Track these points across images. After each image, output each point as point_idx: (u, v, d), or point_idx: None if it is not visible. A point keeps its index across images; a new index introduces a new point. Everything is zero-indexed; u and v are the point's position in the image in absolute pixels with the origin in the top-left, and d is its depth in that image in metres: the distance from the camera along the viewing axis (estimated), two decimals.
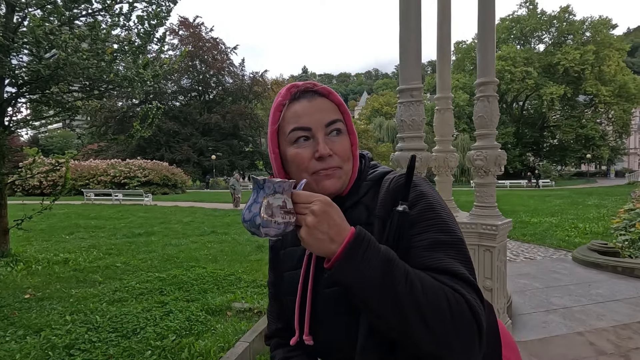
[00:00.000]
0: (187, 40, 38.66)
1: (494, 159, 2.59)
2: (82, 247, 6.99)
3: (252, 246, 7.11)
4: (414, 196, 0.70)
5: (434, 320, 0.56)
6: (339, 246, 0.59)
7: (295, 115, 0.72)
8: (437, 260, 0.63)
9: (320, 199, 0.61)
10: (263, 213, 0.59)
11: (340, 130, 0.73)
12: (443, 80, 3.19)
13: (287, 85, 0.77)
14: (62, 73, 4.19)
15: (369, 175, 0.79)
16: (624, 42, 41.58)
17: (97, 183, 22.78)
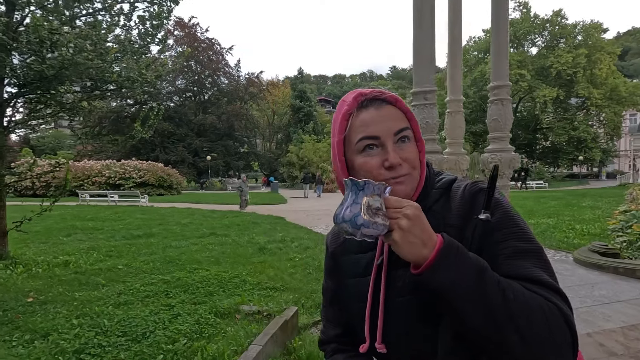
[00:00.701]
0: (183, 41, 38.41)
1: (508, 162, 2.61)
2: (81, 249, 6.90)
3: (254, 248, 7.08)
4: (492, 205, 0.70)
5: (530, 330, 0.57)
6: (431, 251, 0.60)
7: (363, 124, 0.72)
8: (522, 268, 0.64)
9: (411, 204, 0.62)
10: (365, 214, 0.60)
11: (409, 138, 0.73)
12: (454, 83, 3.21)
13: (353, 94, 0.76)
14: (67, 73, 4.14)
15: (437, 183, 0.79)
16: (615, 46, 42.25)
17: (91, 184, 22.50)
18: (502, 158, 2.61)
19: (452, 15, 3.20)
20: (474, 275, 0.59)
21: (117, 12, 6.28)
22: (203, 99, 42.51)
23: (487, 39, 42.42)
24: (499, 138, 2.67)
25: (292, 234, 8.79)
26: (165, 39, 7.10)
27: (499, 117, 2.64)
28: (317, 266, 5.60)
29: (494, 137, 2.69)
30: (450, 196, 0.76)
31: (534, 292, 0.60)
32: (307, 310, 4.03)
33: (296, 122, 46.10)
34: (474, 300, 0.58)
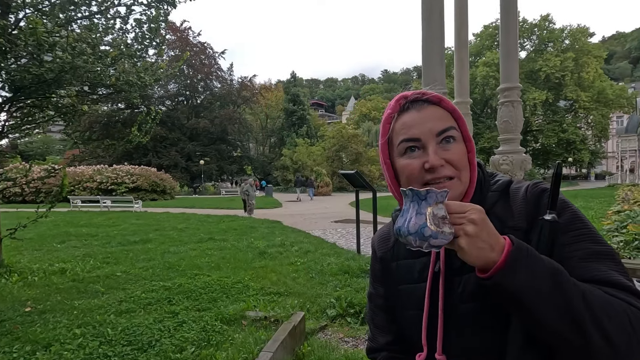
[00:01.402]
0: (175, 45, 38.17)
1: (519, 163, 2.62)
2: (76, 256, 6.75)
3: (254, 253, 7.01)
4: (558, 205, 0.67)
5: (616, 333, 0.55)
6: (499, 255, 0.57)
7: (404, 127, 0.71)
8: (598, 271, 0.62)
9: (475, 208, 0.59)
10: (431, 224, 0.57)
11: (454, 138, 0.70)
12: (462, 85, 3.22)
13: (395, 97, 0.76)
14: (67, 77, 4.06)
15: (492, 185, 0.77)
16: (601, 50, 43.22)
17: (82, 189, 22.12)
18: (513, 160, 2.62)
19: (458, 19, 3.22)
20: (548, 277, 0.57)
21: (113, 15, 6.21)
22: (196, 103, 42.27)
23: (477, 43, 43.05)
24: (510, 140, 2.68)
25: (291, 238, 8.73)
26: (162, 42, 7.04)
27: (509, 118, 2.65)
28: (320, 270, 5.56)
29: (504, 138, 2.70)
30: (510, 198, 0.73)
31: (614, 296, 0.58)
32: (313, 315, 3.98)
33: (289, 126, 46.08)
34: (553, 303, 0.55)
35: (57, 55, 4.38)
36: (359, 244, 6.89)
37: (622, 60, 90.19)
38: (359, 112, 59.02)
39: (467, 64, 3.29)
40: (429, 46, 2.65)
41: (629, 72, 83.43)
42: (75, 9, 5.52)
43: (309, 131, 46.07)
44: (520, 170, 2.64)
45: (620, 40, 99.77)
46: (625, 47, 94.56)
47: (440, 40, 2.67)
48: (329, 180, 30.12)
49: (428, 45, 2.66)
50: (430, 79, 2.66)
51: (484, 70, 38.48)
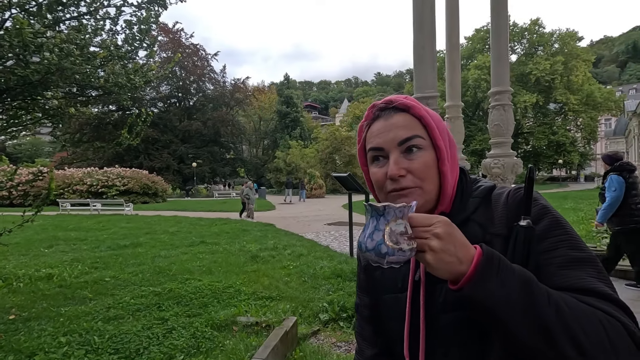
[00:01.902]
0: (167, 47, 37.92)
1: (511, 167, 2.62)
2: (64, 261, 6.61)
3: (246, 256, 6.94)
4: (537, 211, 0.66)
5: (590, 345, 0.53)
6: (468, 267, 0.56)
7: (372, 136, 0.73)
8: (576, 279, 0.59)
9: (441, 220, 0.58)
10: (388, 241, 0.56)
11: (419, 147, 0.69)
12: (453, 89, 3.22)
13: (370, 105, 0.77)
14: (54, 78, 3.98)
15: (474, 191, 0.75)
16: (589, 54, 44.01)
17: (72, 192, 21.79)
18: (505, 163, 2.62)
19: (449, 23, 3.22)
20: (519, 287, 0.55)
21: (102, 17, 6.12)
22: (188, 105, 42.00)
23: (468, 46, 43.51)
24: (501, 143, 2.68)
25: (283, 241, 8.68)
26: (153, 43, 6.96)
27: (500, 122, 2.65)
28: (312, 274, 5.52)
29: (496, 142, 2.70)
30: (492, 204, 0.72)
31: (591, 305, 0.56)
32: (305, 319, 3.94)
33: (283, 128, 46.04)
34: (523, 314, 0.53)
35: (44, 56, 4.30)
36: (352, 247, 6.87)
37: (609, 64, 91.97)
38: (352, 114, 59.21)
39: (458, 67, 3.30)
40: (420, 50, 2.65)
41: (616, 76, 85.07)
42: (63, 9, 5.43)
43: (302, 133, 46.06)
44: (511, 174, 2.64)
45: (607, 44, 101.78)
46: (612, 51, 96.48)
47: (432, 43, 2.66)
48: (323, 182, 30.11)
49: (419, 49, 2.66)
50: (422, 82, 2.65)
51: (475, 73, 38.90)
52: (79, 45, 4.87)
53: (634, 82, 70.86)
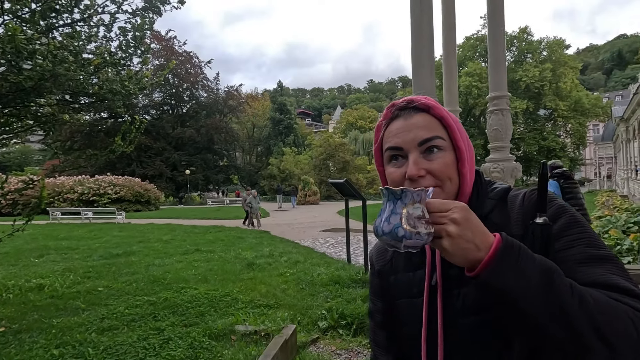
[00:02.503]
0: (160, 54, 37.85)
1: (510, 171, 2.64)
2: (55, 271, 6.47)
3: (242, 264, 6.87)
4: (554, 210, 0.65)
5: (617, 337, 0.51)
6: (486, 253, 0.54)
7: (390, 135, 0.72)
8: (597, 275, 0.58)
9: (458, 206, 0.57)
10: (405, 224, 0.55)
11: (440, 147, 0.68)
12: (451, 94, 3.25)
13: (389, 105, 0.75)
14: (47, 85, 3.92)
15: (490, 192, 0.74)
16: (577, 61, 45.00)
17: (62, 201, 21.42)
18: (504, 167, 2.64)
19: (446, 30, 3.26)
20: (541, 275, 0.53)
21: (96, 23, 6.08)
22: (181, 112, 41.80)
23: (459, 54, 44.16)
24: (500, 148, 2.70)
25: (279, 248, 8.61)
26: (147, 50, 6.93)
27: (499, 126, 2.67)
28: (310, 281, 5.47)
29: (495, 146, 2.72)
30: (508, 205, 0.71)
31: (617, 299, 0.55)
32: (304, 327, 3.89)
33: (276, 135, 46.03)
34: (544, 304, 0.52)
35: (37, 62, 4.24)
36: (349, 253, 6.83)
37: (596, 71, 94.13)
38: (346, 121, 59.47)
39: (455, 73, 3.33)
40: (418, 56, 2.66)
41: (602, 83, 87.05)
42: (56, 16, 5.39)
43: (296, 140, 46.11)
44: (511, 178, 2.66)
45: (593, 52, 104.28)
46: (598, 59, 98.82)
47: (430, 49, 2.68)
48: (317, 188, 30.07)
49: (418, 54, 2.67)
50: (420, 87, 2.67)
51: (466, 80, 39.43)
52: (73, 51, 4.84)
53: (620, 89, 72.53)
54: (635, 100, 16.51)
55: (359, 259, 7.17)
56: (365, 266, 5.86)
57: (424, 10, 2.62)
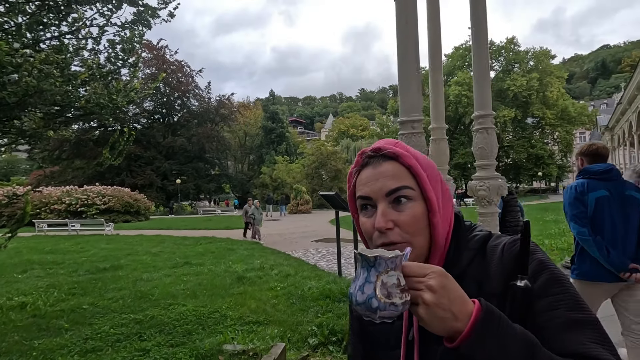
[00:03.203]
0: (151, 63, 37.76)
1: (496, 189, 2.66)
2: (39, 288, 6.30)
3: (232, 278, 6.77)
4: (534, 266, 0.64)
5: None
6: (465, 324, 0.53)
7: (360, 184, 0.70)
8: (578, 344, 0.57)
9: (435, 271, 0.55)
10: (380, 294, 0.53)
11: (408, 197, 0.66)
12: (437, 111, 3.28)
13: (360, 152, 0.74)
14: (31, 101, 3.86)
15: (470, 242, 0.72)
16: (562, 71, 46.18)
17: (49, 212, 21.00)
18: (490, 185, 2.66)
19: (432, 45, 3.30)
20: (521, 349, 0.52)
21: (84, 36, 6.04)
22: (172, 121, 41.61)
23: (448, 64, 44.91)
24: (485, 166, 2.72)
25: (270, 260, 8.53)
26: (137, 62, 6.89)
27: (485, 145, 2.70)
28: (300, 295, 5.41)
29: (480, 164, 2.74)
30: (486, 257, 0.68)
31: None
32: (294, 344, 3.83)
33: (268, 143, 46.05)
34: None
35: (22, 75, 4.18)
36: (340, 266, 6.80)
37: (581, 80, 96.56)
38: (338, 129, 59.84)
39: (442, 89, 3.37)
40: (405, 73, 2.69)
41: (588, 91, 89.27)
42: (44, 29, 5.34)
43: (288, 148, 46.17)
44: (497, 195, 2.68)
45: (578, 61, 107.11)
46: (583, 68, 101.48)
47: (416, 66, 2.70)
48: (309, 197, 30.04)
49: (404, 72, 2.69)
50: (408, 105, 2.69)
51: (456, 89, 40.10)
52: (60, 65, 4.78)
53: (604, 97, 74.45)
54: (619, 109, 16.94)
55: (350, 271, 7.13)
56: None
57: (410, 26, 2.65)
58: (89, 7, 5.80)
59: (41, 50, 5.35)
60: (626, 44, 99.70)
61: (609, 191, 2.30)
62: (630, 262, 2.23)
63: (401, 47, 2.68)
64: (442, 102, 3.32)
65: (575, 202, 2.36)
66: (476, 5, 2.73)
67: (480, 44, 2.79)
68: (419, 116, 2.70)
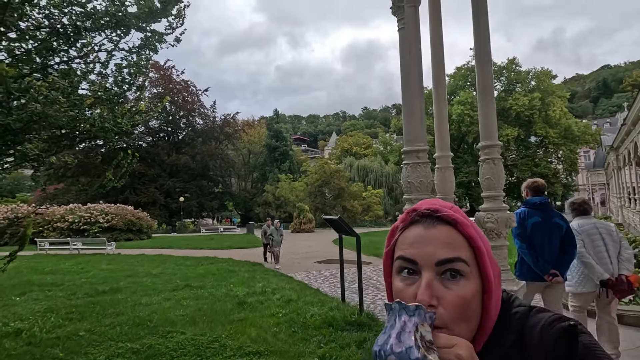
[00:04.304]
0: (157, 83, 38.52)
1: (504, 221, 2.59)
2: (36, 312, 6.17)
3: (233, 302, 6.62)
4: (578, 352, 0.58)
5: None
6: None
7: (405, 242, 0.62)
8: None
9: (463, 344, 0.52)
10: (420, 347, 0.50)
11: (462, 273, 0.58)
12: (442, 140, 3.24)
13: (410, 208, 0.66)
14: (36, 127, 3.88)
15: (512, 322, 0.64)
16: (564, 90, 46.47)
17: (52, 230, 20.96)
18: (498, 218, 2.58)
19: (435, 76, 3.30)
20: None
21: (92, 60, 6.15)
22: (177, 139, 42.03)
23: (451, 83, 45.43)
24: (493, 197, 2.66)
25: (272, 283, 8.36)
26: (143, 86, 6.99)
27: (492, 175, 2.64)
28: (303, 323, 5.25)
29: (488, 195, 2.68)
30: (524, 338, 0.61)
31: None
32: None
33: (272, 162, 46.24)
34: None
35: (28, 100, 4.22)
36: (344, 290, 6.63)
37: (583, 99, 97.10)
38: (341, 148, 60.10)
39: (446, 117, 3.35)
40: (408, 104, 2.67)
41: (590, 110, 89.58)
42: (52, 54, 5.44)
43: (291, 166, 46.29)
44: (505, 228, 2.60)
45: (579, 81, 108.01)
46: (585, 88, 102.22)
47: (420, 98, 2.69)
48: (312, 216, 29.86)
49: (408, 103, 2.67)
50: (411, 136, 2.66)
51: (459, 108, 40.36)
52: (67, 90, 4.84)
53: (607, 116, 74.62)
54: (623, 130, 16.88)
55: (353, 296, 6.95)
56: (360, 305, 5.67)
57: (412, 57, 2.65)
58: (97, 34, 5.92)
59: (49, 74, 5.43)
60: (627, 64, 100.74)
61: (542, 218, 2.98)
62: (551, 268, 3.02)
63: (404, 76, 2.67)
64: (447, 131, 3.28)
65: (519, 225, 2.94)
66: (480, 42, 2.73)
67: (484, 72, 2.77)
68: (424, 146, 2.66)
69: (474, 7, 2.77)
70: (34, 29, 5.22)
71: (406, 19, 2.71)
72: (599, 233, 3.28)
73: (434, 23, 3.37)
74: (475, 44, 2.77)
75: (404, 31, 2.82)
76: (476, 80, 2.77)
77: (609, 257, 3.24)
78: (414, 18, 2.68)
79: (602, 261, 3.21)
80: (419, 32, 2.74)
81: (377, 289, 7.93)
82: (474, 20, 2.75)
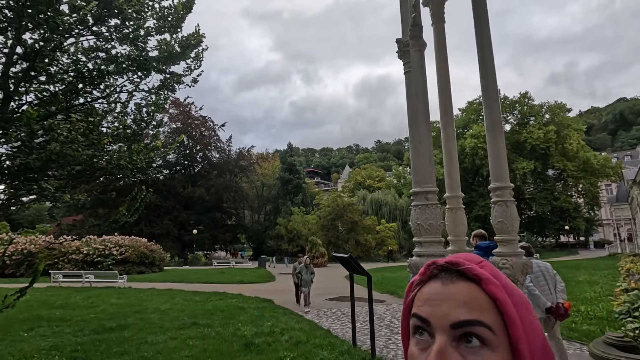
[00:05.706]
0: (177, 118, 40.12)
1: (520, 267, 2.44)
2: (41, 350, 6.08)
3: (240, 343, 6.38)
4: None
5: None
6: None
7: (419, 299, 0.54)
8: None
9: None
10: None
11: (484, 340, 0.48)
12: (452, 180, 3.18)
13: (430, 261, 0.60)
14: (54, 165, 4.03)
15: None
16: (580, 123, 45.94)
17: (67, 262, 21.16)
18: (514, 264, 2.45)
19: (444, 117, 3.30)
20: None
21: (114, 100, 6.47)
22: (193, 172, 42.98)
23: (463, 117, 45.67)
24: (507, 241, 2.54)
25: (281, 322, 8.08)
26: (160, 123, 7.25)
27: (505, 219, 2.54)
28: None
29: (502, 239, 2.56)
30: None
31: None
32: None
33: (285, 194, 46.46)
34: None
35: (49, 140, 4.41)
36: (355, 333, 6.32)
37: (600, 132, 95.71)
38: (354, 180, 60.13)
39: (455, 158, 3.30)
40: (417, 144, 2.65)
41: (609, 143, 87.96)
42: (77, 96, 5.75)
43: (304, 199, 46.34)
44: (522, 275, 2.45)
45: (595, 114, 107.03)
46: (601, 120, 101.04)
47: (428, 138, 2.67)
48: (325, 250, 29.38)
49: (416, 143, 2.66)
50: (420, 177, 2.61)
51: (472, 141, 40.23)
52: (86, 130, 5.05)
53: (627, 149, 73.01)
54: None
55: (365, 339, 6.61)
56: (372, 351, 5.37)
57: (419, 99, 2.66)
58: (119, 76, 6.25)
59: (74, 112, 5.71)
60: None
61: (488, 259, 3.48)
62: None
63: (412, 117, 2.67)
64: (457, 171, 3.23)
65: None
66: (486, 82, 2.73)
67: (493, 113, 2.75)
68: (433, 187, 2.60)
69: (479, 48, 2.80)
70: (63, 73, 5.57)
71: (412, 62, 2.76)
72: (540, 270, 4.14)
73: (441, 64, 3.42)
74: (482, 84, 2.78)
75: (410, 74, 2.86)
76: (484, 119, 2.75)
77: (549, 289, 4.12)
78: (420, 61, 2.73)
79: (544, 293, 4.06)
80: (424, 75, 2.77)
81: (391, 330, 7.54)
82: (479, 61, 2.77)
